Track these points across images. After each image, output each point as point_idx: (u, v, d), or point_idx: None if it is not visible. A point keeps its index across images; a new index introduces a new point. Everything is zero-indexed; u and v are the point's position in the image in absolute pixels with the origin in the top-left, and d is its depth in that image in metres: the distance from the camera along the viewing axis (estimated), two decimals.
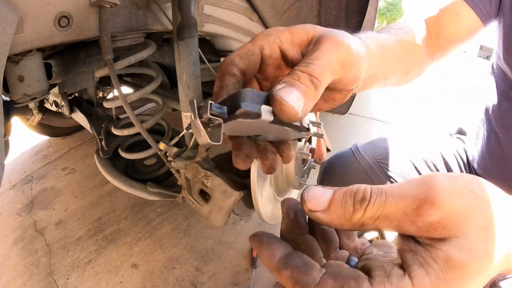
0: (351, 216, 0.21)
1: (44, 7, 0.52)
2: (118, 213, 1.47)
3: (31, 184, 1.68)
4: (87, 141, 2.06)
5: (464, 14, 0.58)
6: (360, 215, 0.21)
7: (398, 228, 0.21)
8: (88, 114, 1.11)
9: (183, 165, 0.69)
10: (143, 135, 0.69)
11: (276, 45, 0.30)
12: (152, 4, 0.70)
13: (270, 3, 0.96)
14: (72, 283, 1.15)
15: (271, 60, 0.31)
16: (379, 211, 0.21)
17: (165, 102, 0.94)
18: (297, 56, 0.30)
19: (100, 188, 1.63)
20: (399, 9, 23.17)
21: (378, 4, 1.05)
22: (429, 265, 0.19)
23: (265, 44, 0.30)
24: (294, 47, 0.30)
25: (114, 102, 0.75)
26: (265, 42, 0.30)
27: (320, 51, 0.26)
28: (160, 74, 0.82)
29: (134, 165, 1.00)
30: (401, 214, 0.20)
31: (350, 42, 0.28)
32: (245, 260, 1.24)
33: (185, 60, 0.66)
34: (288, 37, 0.30)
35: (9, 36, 0.42)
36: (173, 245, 1.31)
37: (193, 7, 0.63)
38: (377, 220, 0.21)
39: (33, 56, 0.62)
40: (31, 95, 0.64)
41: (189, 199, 0.72)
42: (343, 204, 0.22)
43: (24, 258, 1.26)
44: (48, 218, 1.45)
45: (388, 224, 0.21)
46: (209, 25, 0.88)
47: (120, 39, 0.72)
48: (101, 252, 1.27)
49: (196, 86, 0.70)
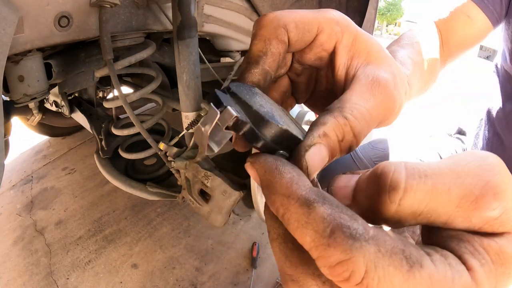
0: (380, 212, 0.16)
1: (44, 7, 0.52)
2: (118, 213, 1.47)
3: (31, 184, 1.68)
4: (87, 141, 2.06)
5: (475, 17, 0.57)
6: (392, 211, 0.15)
7: (444, 224, 0.16)
8: (88, 114, 1.11)
9: (183, 165, 0.69)
10: (143, 135, 0.69)
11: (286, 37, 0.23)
12: (152, 4, 0.70)
13: (270, 3, 0.96)
14: (72, 283, 1.15)
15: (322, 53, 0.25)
16: (422, 204, 0.15)
17: (165, 102, 0.94)
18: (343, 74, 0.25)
19: (100, 188, 1.62)
20: (399, 9, 23.16)
21: (378, 4, 1.05)
22: (481, 255, 0.15)
23: (327, 29, 0.23)
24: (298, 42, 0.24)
25: (114, 102, 0.75)
26: (329, 28, 0.24)
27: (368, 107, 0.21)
28: (160, 74, 0.82)
29: (134, 165, 1.00)
30: (454, 207, 0.15)
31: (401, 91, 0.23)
32: (245, 260, 1.24)
33: (185, 60, 0.66)
34: (294, 31, 0.23)
35: (9, 36, 0.42)
36: (173, 245, 1.31)
37: (193, 7, 0.63)
38: (420, 216, 0.15)
39: (33, 56, 0.62)
40: (31, 95, 0.64)
41: (189, 199, 0.72)
42: (368, 195, 0.17)
43: (24, 258, 1.25)
44: (48, 218, 1.45)
45: (434, 220, 0.15)
46: (209, 25, 0.88)
47: (120, 39, 0.72)
48: (101, 252, 1.27)
49: (196, 86, 0.70)
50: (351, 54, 0.24)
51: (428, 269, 0.14)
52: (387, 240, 0.14)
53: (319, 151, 0.19)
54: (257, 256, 1.23)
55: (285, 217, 0.16)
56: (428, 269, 0.14)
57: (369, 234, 0.14)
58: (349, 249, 0.13)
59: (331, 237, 0.14)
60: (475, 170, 0.15)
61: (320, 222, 0.14)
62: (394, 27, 23.25)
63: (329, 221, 0.14)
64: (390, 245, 0.14)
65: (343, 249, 0.14)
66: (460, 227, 0.15)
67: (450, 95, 3.57)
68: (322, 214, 0.14)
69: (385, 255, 0.13)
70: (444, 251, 0.15)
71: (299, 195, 0.15)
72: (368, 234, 0.14)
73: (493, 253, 0.15)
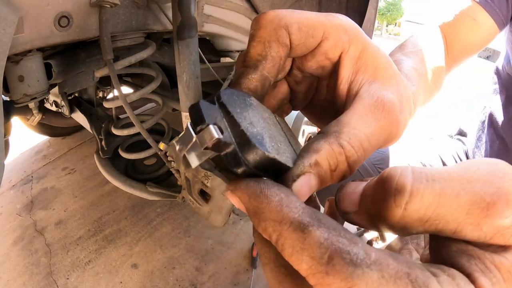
0: (386, 217, 0.15)
1: (44, 7, 0.52)
2: (118, 213, 1.47)
3: (31, 184, 1.68)
4: (87, 141, 2.06)
5: (481, 20, 0.54)
6: (398, 215, 0.15)
7: (453, 233, 0.15)
8: (88, 114, 1.11)
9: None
10: (143, 135, 0.69)
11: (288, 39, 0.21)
12: (152, 4, 0.70)
13: (270, 3, 0.96)
14: (72, 283, 1.15)
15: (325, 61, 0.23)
16: (430, 210, 0.14)
17: (165, 102, 0.94)
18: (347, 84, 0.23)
19: (100, 188, 1.62)
20: (399, 9, 23.16)
21: (378, 4, 1.05)
22: (492, 274, 0.14)
23: (333, 36, 0.21)
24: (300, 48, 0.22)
25: (114, 102, 0.75)
26: (335, 35, 0.21)
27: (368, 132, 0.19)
28: (160, 74, 0.82)
29: (134, 165, 1.00)
30: (463, 214, 0.14)
31: (406, 113, 0.22)
32: (245, 260, 1.24)
33: (185, 60, 0.66)
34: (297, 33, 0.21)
35: (9, 36, 0.42)
36: (173, 245, 1.31)
37: (193, 7, 0.63)
38: (427, 223, 0.14)
39: (33, 56, 0.62)
40: (31, 95, 0.64)
41: (189, 199, 0.72)
42: (374, 201, 0.16)
43: (24, 258, 1.25)
44: (48, 218, 1.45)
45: (442, 227, 0.14)
46: (209, 25, 0.88)
47: (120, 39, 0.72)
48: (101, 252, 1.27)
49: (196, 86, 0.70)
50: (356, 67, 0.22)
51: None
52: (390, 264, 0.13)
53: (307, 181, 0.18)
54: (257, 256, 1.23)
55: (279, 243, 0.15)
56: None
57: (370, 259, 0.13)
58: (350, 277, 0.13)
59: (330, 264, 0.13)
60: (485, 176, 0.14)
61: (316, 248, 0.13)
62: (394, 27, 23.25)
63: (327, 246, 0.13)
64: (394, 269, 0.13)
65: (343, 277, 0.13)
66: (470, 237, 0.15)
67: (451, 95, 3.57)
68: (318, 238, 0.13)
69: (389, 281, 0.13)
70: (452, 270, 0.14)
71: (291, 219, 0.14)
72: (370, 259, 0.13)
73: (505, 271, 0.14)
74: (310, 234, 0.14)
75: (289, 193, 0.16)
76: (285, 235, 0.14)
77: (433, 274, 0.13)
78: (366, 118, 0.20)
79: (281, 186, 0.16)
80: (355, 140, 0.19)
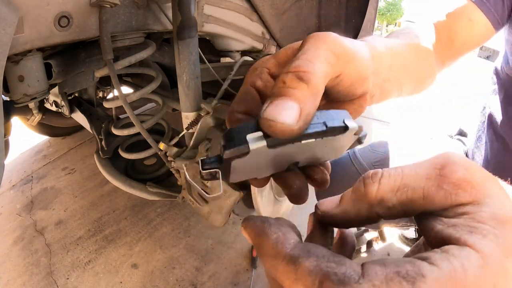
0: (366, 193, 0.19)
1: (44, 7, 0.52)
2: (118, 213, 1.47)
3: (31, 184, 1.68)
4: (87, 141, 2.06)
5: (477, 20, 0.54)
6: (375, 188, 0.18)
7: (424, 198, 0.18)
8: (88, 114, 1.11)
9: (183, 165, 0.69)
10: (143, 135, 0.69)
11: (265, 74, 0.28)
12: (152, 4, 0.70)
13: (270, 3, 0.96)
14: (72, 283, 1.15)
15: (267, 89, 0.28)
16: (397, 181, 0.18)
17: (165, 102, 0.94)
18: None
19: (100, 188, 1.62)
20: (399, 9, 23.15)
21: (378, 4, 1.05)
22: (480, 229, 0.15)
23: (255, 78, 0.28)
24: (282, 66, 0.26)
25: (114, 102, 0.75)
26: (254, 76, 0.28)
27: (305, 47, 0.23)
28: (160, 74, 0.82)
29: (134, 165, 1.00)
30: (423, 180, 0.18)
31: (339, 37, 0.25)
32: (245, 260, 1.24)
33: (185, 60, 0.66)
34: (273, 61, 0.28)
35: (9, 36, 0.42)
36: (173, 245, 1.31)
37: (193, 7, 0.63)
38: (398, 191, 0.18)
39: (33, 56, 0.62)
40: (31, 95, 0.64)
41: (189, 199, 0.72)
42: (354, 190, 0.20)
43: (24, 258, 1.26)
44: (48, 218, 1.45)
45: (412, 194, 0.18)
46: (209, 25, 0.88)
47: (120, 39, 0.72)
48: (101, 252, 1.27)
49: (196, 86, 0.70)
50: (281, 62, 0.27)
51: (432, 274, 0.14)
52: (378, 271, 0.14)
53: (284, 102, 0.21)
54: (257, 256, 1.23)
55: (277, 277, 0.16)
56: (432, 274, 0.14)
57: (358, 274, 0.14)
58: None
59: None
60: (434, 158, 0.19)
61: (307, 276, 0.15)
62: (394, 27, 23.24)
63: (316, 272, 0.15)
64: (383, 275, 0.14)
65: None
66: (438, 201, 0.17)
67: (451, 95, 3.57)
68: (308, 267, 0.15)
69: (381, 286, 0.14)
70: (445, 247, 0.15)
71: (284, 254, 0.16)
72: (358, 274, 0.14)
73: (489, 220, 0.16)
74: (300, 265, 0.15)
75: (287, 230, 0.18)
76: (280, 269, 0.16)
77: (424, 259, 0.15)
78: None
79: (282, 225, 0.19)
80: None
